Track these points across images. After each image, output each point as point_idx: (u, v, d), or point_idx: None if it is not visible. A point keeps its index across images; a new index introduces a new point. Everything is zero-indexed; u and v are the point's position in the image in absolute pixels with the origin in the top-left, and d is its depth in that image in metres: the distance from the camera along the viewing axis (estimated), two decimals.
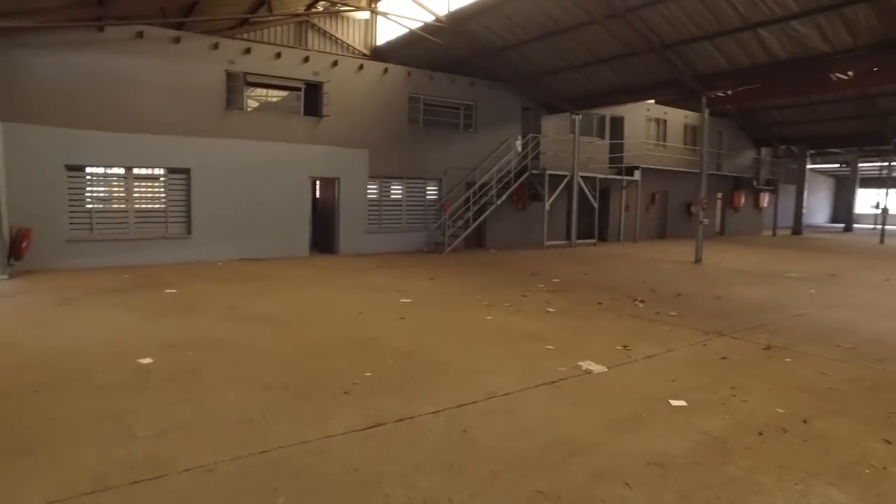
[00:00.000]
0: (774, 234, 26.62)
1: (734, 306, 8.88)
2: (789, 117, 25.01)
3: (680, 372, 5.46)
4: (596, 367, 5.49)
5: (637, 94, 16.75)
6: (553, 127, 18.73)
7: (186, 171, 12.73)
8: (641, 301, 9.08)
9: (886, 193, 25.53)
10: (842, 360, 6.04)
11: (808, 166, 28.86)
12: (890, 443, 3.97)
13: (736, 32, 11.97)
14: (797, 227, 27.91)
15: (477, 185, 16.62)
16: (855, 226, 33.40)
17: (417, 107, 16.22)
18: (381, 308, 8.27)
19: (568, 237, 18.55)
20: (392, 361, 5.60)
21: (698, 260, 14.57)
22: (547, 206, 17.43)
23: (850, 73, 14.74)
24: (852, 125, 24.19)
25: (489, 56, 16.14)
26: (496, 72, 16.95)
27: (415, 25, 16.03)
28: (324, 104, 14.41)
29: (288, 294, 9.27)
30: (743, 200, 25.89)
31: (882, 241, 23.41)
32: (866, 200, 34.94)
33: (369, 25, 19.66)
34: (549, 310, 8.31)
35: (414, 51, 17.43)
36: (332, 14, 18.19)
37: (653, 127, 22.22)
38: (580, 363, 5.60)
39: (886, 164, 26.50)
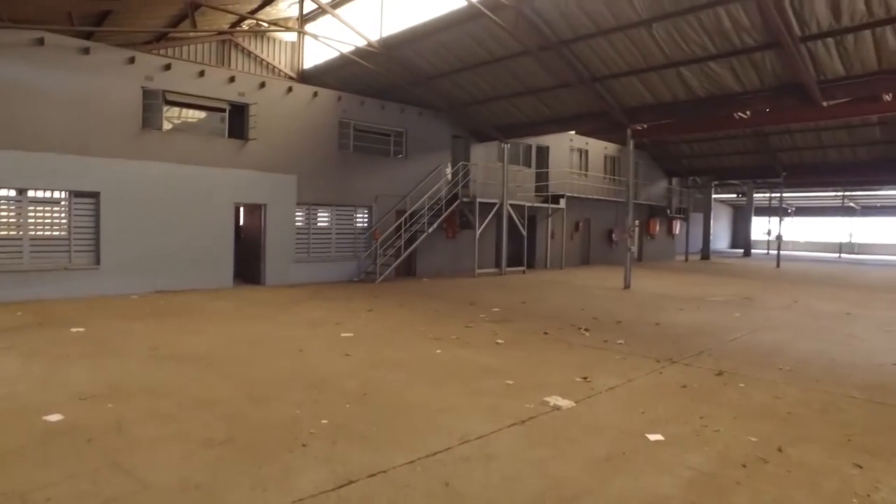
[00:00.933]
0: (687, 259, 28.32)
1: (674, 332, 9.09)
2: (697, 150, 26.98)
3: (646, 403, 5.37)
4: (564, 402, 5.29)
5: (565, 125, 17.28)
6: (482, 155, 18.92)
7: (95, 195, 11.50)
8: (586, 329, 9.09)
9: (780, 221, 28.02)
10: (786, 382, 6.24)
11: (713, 196, 31.15)
12: (861, 467, 4.02)
13: (661, 70, 12.65)
14: (706, 253, 29.89)
15: (408, 213, 16.35)
16: (752, 251, 36.34)
17: (347, 132, 15.81)
18: (322, 344, 7.70)
19: (498, 265, 18.63)
20: (348, 405, 5.12)
21: (627, 286, 15.02)
22: (477, 234, 17.44)
23: (748, 112, 16.10)
24: (749, 159, 26.54)
25: (421, 83, 16.10)
26: (427, 99, 16.93)
27: (346, 49, 15.73)
28: (250, 127, 13.68)
29: (217, 330, 8.46)
30: (658, 228, 27.39)
31: (778, 265, 25.50)
32: (760, 227, 38.18)
33: (296, 48, 19.16)
34: (498, 341, 8.10)
35: (342, 75, 17.11)
36: (258, 34, 17.54)
37: (576, 157, 23.06)
38: (547, 398, 5.38)
39: (777, 194, 29.16)
